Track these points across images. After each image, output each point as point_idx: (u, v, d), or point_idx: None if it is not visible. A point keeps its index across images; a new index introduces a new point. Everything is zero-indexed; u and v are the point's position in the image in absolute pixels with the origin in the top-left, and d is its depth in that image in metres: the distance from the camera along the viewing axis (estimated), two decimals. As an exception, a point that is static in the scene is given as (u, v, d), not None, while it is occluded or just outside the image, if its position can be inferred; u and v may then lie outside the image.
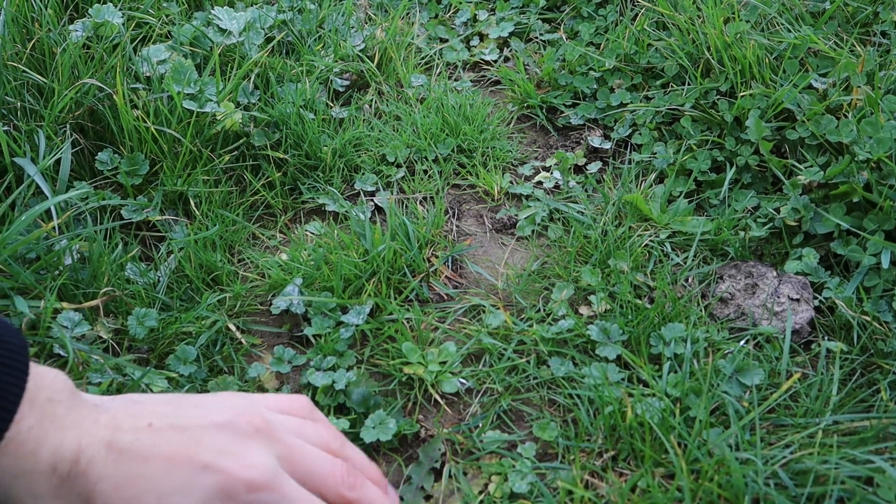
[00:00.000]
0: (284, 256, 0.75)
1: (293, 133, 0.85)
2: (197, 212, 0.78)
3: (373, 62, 0.96)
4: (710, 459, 0.55)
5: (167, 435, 0.47)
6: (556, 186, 0.84)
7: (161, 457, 0.46)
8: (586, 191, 0.83)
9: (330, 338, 0.68)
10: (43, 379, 0.45)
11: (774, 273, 0.71)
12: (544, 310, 0.70)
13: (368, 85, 0.96)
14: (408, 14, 1.07)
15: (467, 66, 1.02)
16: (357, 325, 0.68)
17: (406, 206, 0.81)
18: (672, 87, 0.90)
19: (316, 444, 0.51)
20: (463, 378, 0.65)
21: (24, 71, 0.80)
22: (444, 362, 0.65)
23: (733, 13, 0.90)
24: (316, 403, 0.61)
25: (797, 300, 0.69)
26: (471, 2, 1.09)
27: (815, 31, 0.88)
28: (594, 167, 0.86)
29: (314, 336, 0.68)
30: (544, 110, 0.94)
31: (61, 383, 0.46)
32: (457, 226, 0.81)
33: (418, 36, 1.04)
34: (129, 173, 0.78)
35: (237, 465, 0.46)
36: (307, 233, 0.79)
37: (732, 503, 0.53)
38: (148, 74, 0.85)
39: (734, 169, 0.80)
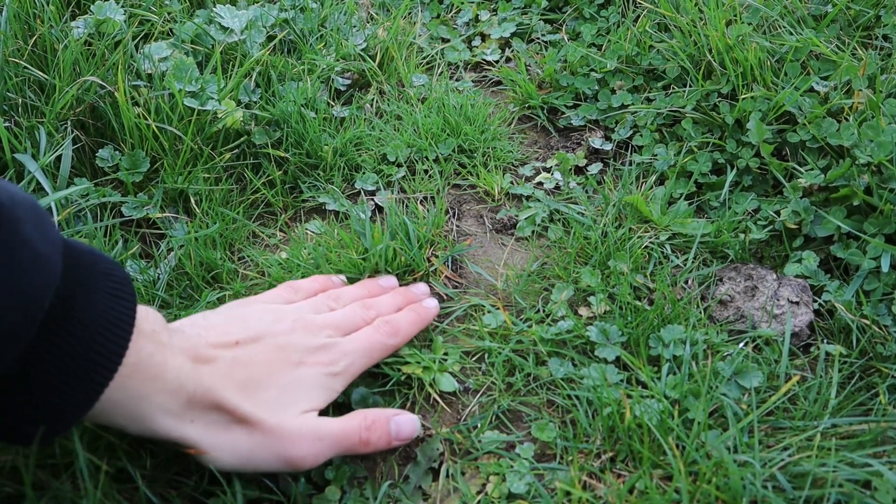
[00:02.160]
0: (284, 255, 0.75)
1: (294, 132, 0.85)
2: (197, 209, 0.78)
3: (374, 61, 0.96)
4: (709, 461, 0.55)
5: (253, 347, 0.56)
6: (557, 187, 0.84)
7: (261, 363, 0.55)
8: (587, 192, 0.83)
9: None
10: (140, 312, 0.50)
11: (774, 276, 0.71)
12: (544, 310, 0.70)
13: (370, 84, 0.96)
14: (410, 14, 1.07)
15: (469, 67, 1.02)
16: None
17: (406, 206, 0.81)
18: (673, 88, 0.90)
19: (331, 308, 0.64)
20: (461, 378, 0.65)
21: (25, 67, 0.81)
22: (443, 362, 0.65)
23: (735, 15, 0.90)
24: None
25: (797, 303, 0.69)
26: (473, 2, 1.09)
27: (816, 34, 0.88)
28: (595, 168, 0.86)
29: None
30: (545, 111, 0.94)
31: (154, 315, 0.52)
32: (457, 226, 0.81)
33: (420, 36, 1.04)
34: (130, 170, 0.78)
35: (321, 357, 0.58)
36: (307, 231, 0.79)
37: (730, 505, 0.53)
38: (149, 72, 0.85)
39: (735, 171, 0.80)
